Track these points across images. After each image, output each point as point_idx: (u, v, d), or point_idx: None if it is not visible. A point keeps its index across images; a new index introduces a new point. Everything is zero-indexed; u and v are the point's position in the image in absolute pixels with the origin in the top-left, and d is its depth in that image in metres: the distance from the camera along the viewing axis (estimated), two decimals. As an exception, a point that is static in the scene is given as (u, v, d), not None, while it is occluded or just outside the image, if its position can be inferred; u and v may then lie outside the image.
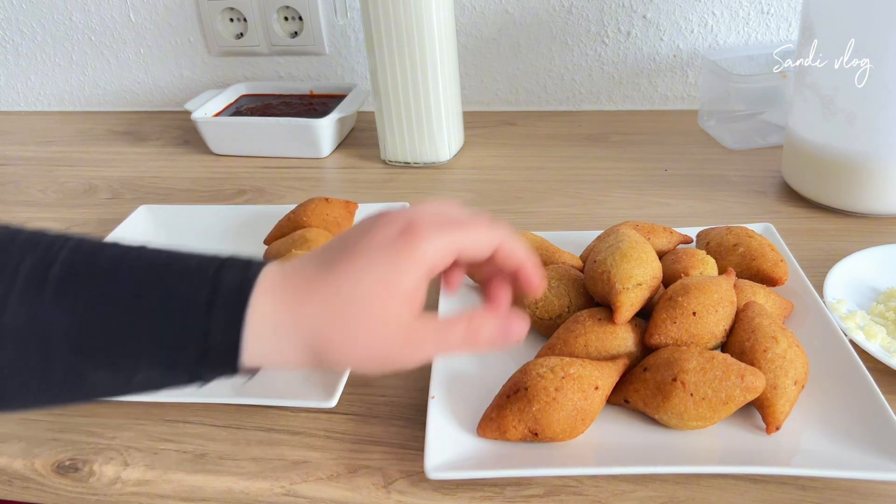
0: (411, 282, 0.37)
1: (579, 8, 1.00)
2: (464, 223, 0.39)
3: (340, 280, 0.36)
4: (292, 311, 0.36)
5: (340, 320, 0.36)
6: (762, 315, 0.49)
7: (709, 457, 0.44)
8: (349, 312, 0.36)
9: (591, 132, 0.99)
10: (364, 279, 0.36)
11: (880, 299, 0.58)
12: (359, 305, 0.36)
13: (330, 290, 0.36)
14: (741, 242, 0.59)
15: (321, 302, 0.36)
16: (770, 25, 0.97)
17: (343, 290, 0.36)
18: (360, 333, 0.36)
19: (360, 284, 0.36)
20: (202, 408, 0.53)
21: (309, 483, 0.47)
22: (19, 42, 1.17)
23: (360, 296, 0.36)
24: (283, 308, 0.36)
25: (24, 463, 0.49)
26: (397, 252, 0.37)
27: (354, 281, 0.36)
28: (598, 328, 0.49)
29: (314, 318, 0.36)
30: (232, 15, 1.09)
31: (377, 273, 0.36)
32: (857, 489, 0.43)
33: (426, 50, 0.83)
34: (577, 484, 0.45)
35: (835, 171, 0.71)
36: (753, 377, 0.44)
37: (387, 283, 0.36)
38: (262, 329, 0.35)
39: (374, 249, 0.37)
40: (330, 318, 0.36)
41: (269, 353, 0.36)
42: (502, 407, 0.45)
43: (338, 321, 0.36)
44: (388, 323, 0.36)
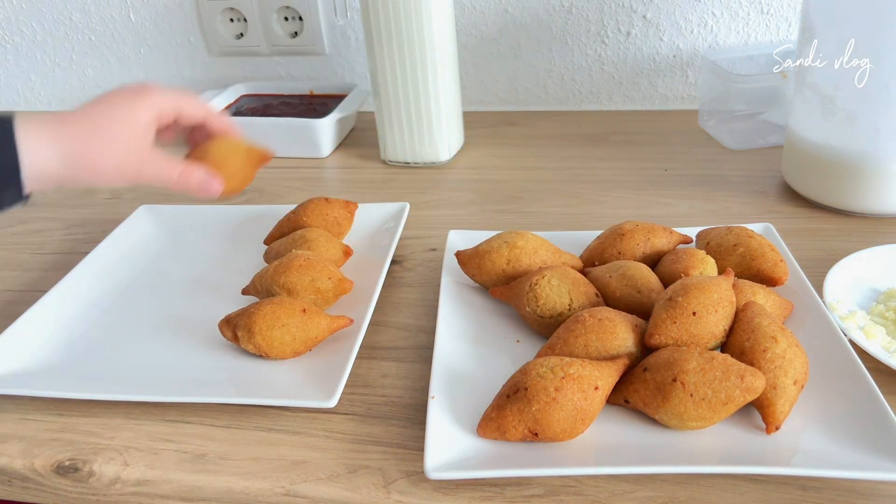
0: (143, 119, 0.52)
1: (579, 8, 1.00)
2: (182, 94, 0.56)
3: (91, 112, 0.51)
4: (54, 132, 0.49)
5: (91, 138, 0.50)
6: (762, 315, 0.49)
7: (709, 457, 0.44)
8: (97, 134, 0.50)
9: (591, 132, 0.99)
10: (108, 111, 0.51)
11: (880, 299, 0.58)
12: (104, 129, 0.50)
13: (83, 119, 0.50)
14: (741, 242, 0.59)
15: (76, 125, 0.50)
16: (770, 25, 0.97)
17: (92, 117, 0.51)
18: (104, 149, 0.50)
19: (105, 114, 0.51)
20: (202, 408, 0.53)
21: (309, 483, 0.47)
22: (19, 42, 1.17)
23: (104, 122, 0.51)
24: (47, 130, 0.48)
25: (24, 463, 0.49)
26: (133, 97, 0.52)
27: (100, 112, 0.51)
28: (598, 328, 0.49)
29: (72, 135, 0.49)
30: (232, 15, 1.09)
31: (118, 108, 0.51)
32: (856, 489, 0.43)
33: (426, 50, 0.83)
34: (577, 484, 0.45)
35: (835, 171, 0.71)
36: (753, 378, 0.44)
37: (124, 116, 0.51)
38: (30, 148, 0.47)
39: (116, 95, 0.52)
40: (82, 136, 0.50)
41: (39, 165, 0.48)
42: (502, 407, 0.45)
43: (90, 137, 0.50)
44: (125, 144, 0.51)
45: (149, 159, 0.53)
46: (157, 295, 0.65)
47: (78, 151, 0.49)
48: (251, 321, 0.54)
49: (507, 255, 0.59)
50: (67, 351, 0.58)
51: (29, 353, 0.57)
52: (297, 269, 0.59)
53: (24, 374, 0.55)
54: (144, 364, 0.56)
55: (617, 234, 0.62)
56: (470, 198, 0.83)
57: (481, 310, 0.59)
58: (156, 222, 0.76)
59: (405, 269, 0.69)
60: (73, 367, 0.56)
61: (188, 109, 0.56)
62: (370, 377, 0.55)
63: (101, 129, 0.50)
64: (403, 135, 0.89)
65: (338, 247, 0.65)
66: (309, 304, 0.56)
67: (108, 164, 0.51)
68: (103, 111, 0.51)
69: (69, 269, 0.67)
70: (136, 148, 0.51)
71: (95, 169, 0.50)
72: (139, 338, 0.59)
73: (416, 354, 0.57)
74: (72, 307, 0.62)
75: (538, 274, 0.56)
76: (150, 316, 0.62)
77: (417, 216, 0.78)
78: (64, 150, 0.49)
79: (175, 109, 0.54)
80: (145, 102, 0.52)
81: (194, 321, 0.61)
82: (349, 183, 0.89)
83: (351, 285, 0.60)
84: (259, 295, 0.61)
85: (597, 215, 0.77)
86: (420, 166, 0.91)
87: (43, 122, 0.49)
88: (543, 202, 0.81)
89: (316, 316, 0.55)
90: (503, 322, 0.58)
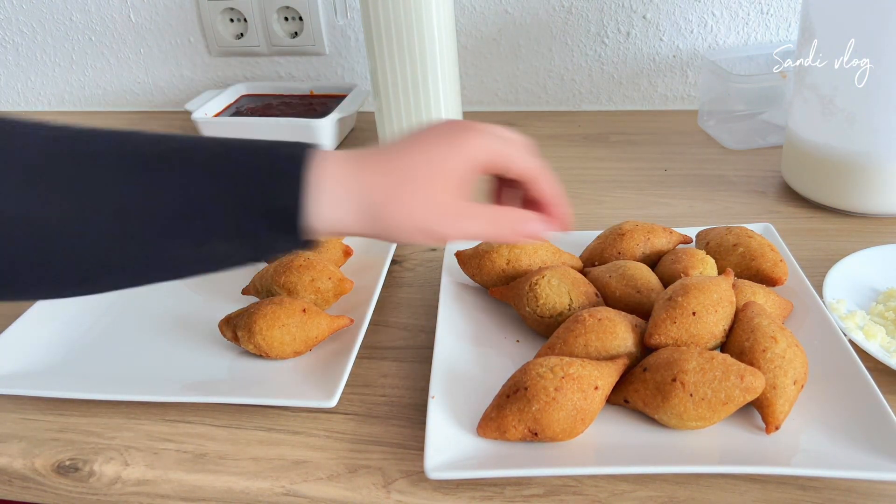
0: (461, 167, 0.42)
1: (579, 8, 1.00)
2: (511, 139, 0.45)
3: (401, 156, 0.41)
4: (353, 177, 0.40)
5: (397, 189, 0.40)
6: (761, 315, 0.49)
7: (709, 457, 0.44)
8: (406, 183, 0.40)
9: (591, 132, 0.99)
10: (422, 158, 0.41)
11: (880, 299, 0.58)
12: (415, 179, 0.41)
13: (390, 164, 0.41)
14: (741, 242, 0.59)
15: (381, 172, 0.40)
16: (770, 25, 0.97)
17: (402, 164, 0.41)
18: (414, 203, 0.40)
19: (418, 161, 0.41)
20: (202, 408, 0.53)
21: (309, 483, 0.47)
22: (19, 42, 1.17)
23: (416, 171, 0.41)
24: (344, 173, 0.39)
25: (24, 463, 0.50)
26: (451, 142, 0.42)
27: (412, 158, 0.41)
28: (598, 328, 0.49)
29: (374, 185, 0.40)
30: (232, 15, 1.09)
31: (433, 154, 0.41)
32: (856, 489, 0.43)
33: (426, 50, 0.83)
34: (576, 484, 0.45)
35: (835, 171, 0.71)
36: (753, 377, 0.44)
37: (441, 164, 0.41)
38: (322, 191, 0.38)
39: (431, 137, 0.42)
40: (388, 186, 0.40)
41: (328, 215, 0.39)
42: (502, 407, 0.45)
43: (395, 189, 0.40)
44: (438, 197, 0.41)
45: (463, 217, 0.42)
46: (157, 295, 0.65)
47: (377, 206, 0.40)
48: (251, 321, 0.54)
49: (507, 255, 0.59)
50: (67, 351, 0.58)
51: (29, 353, 0.57)
52: (297, 269, 0.59)
53: (24, 374, 0.55)
54: (144, 364, 0.56)
55: (617, 234, 0.62)
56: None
57: (481, 310, 0.59)
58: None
59: (405, 269, 0.69)
60: (73, 367, 0.56)
61: (516, 162, 0.44)
62: (370, 377, 0.55)
63: (405, 180, 0.40)
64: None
65: (338, 246, 0.65)
66: (309, 304, 0.56)
67: (408, 224, 0.41)
68: (413, 157, 0.41)
69: (69, 269, 0.66)
70: (446, 205, 0.41)
71: (395, 229, 0.41)
72: (139, 338, 0.59)
73: (416, 354, 0.57)
74: (72, 307, 0.62)
75: (538, 274, 0.56)
76: (150, 316, 0.62)
77: (417, 216, 0.78)
78: (362, 204, 0.40)
79: (498, 158, 0.43)
80: (468, 148, 0.42)
81: (194, 321, 0.61)
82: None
83: (351, 285, 0.60)
84: (259, 295, 0.61)
85: (597, 215, 0.77)
86: (420, 166, 0.91)
87: (339, 165, 0.40)
88: (543, 202, 0.81)
89: (316, 316, 0.55)
90: (503, 322, 0.58)
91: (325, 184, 0.38)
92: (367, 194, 0.40)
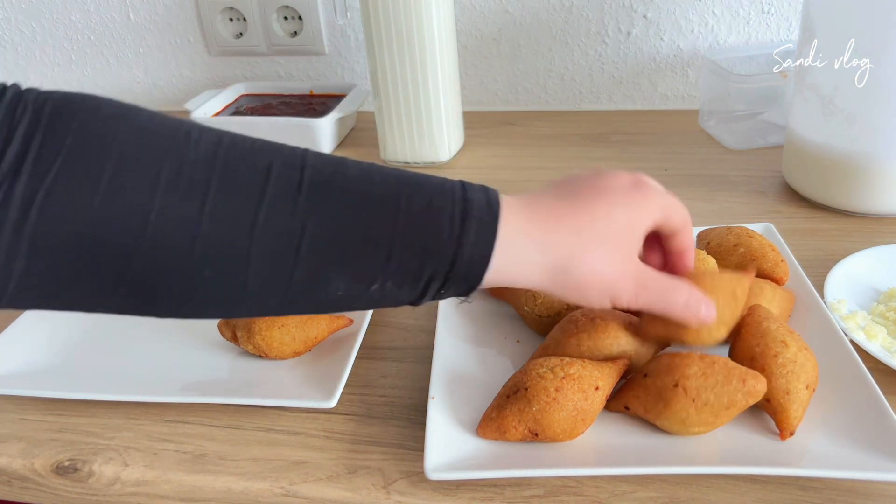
0: (646, 226, 0.41)
1: (579, 8, 1.00)
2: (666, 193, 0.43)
3: (591, 211, 0.39)
4: (542, 232, 0.38)
5: (589, 246, 0.39)
6: (769, 319, 0.48)
7: (709, 457, 0.44)
8: (597, 241, 0.39)
9: (591, 132, 0.99)
10: (613, 214, 0.40)
11: (881, 299, 0.58)
12: (607, 236, 0.39)
13: (581, 219, 0.39)
14: (741, 242, 0.59)
15: (573, 228, 0.39)
16: (770, 25, 0.97)
17: (594, 220, 0.39)
18: (604, 261, 0.39)
19: (609, 218, 0.39)
20: (202, 408, 0.53)
21: (309, 483, 0.46)
22: (19, 42, 1.17)
23: (608, 228, 0.39)
24: (532, 228, 0.38)
25: (23, 463, 0.49)
26: (639, 198, 0.41)
27: (603, 214, 0.39)
28: (590, 327, 0.49)
29: (564, 242, 0.38)
30: (232, 15, 1.09)
31: (624, 211, 0.40)
32: (856, 489, 0.43)
33: (426, 50, 0.83)
34: (577, 484, 0.45)
35: (835, 171, 0.71)
36: (755, 381, 0.44)
37: (631, 222, 0.40)
38: (509, 244, 0.37)
39: (617, 191, 0.41)
40: (579, 243, 0.39)
41: (511, 269, 0.37)
42: (502, 407, 0.45)
43: (587, 246, 0.39)
44: (627, 257, 0.40)
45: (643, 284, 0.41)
46: (157, 295, 0.65)
47: (566, 264, 0.38)
48: (250, 321, 0.53)
49: (507, 255, 0.59)
50: (67, 351, 0.58)
51: (29, 353, 0.57)
52: None
53: (24, 374, 0.55)
54: (144, 364, 0.56)
55: (617, 234, 0.61)
56: (470, 198, 0.83)
57: (481, 310, 0.59)
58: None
59: (405, 269, 0.69)
60: (73, 367, 0.56)
61: (676, 218, 0.43)
62: (370, 377, 0.55)
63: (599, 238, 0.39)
64: (403, 135, 0.89)
65: None
66: None
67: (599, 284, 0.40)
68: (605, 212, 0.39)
69: (69, 269, 0.66)
70: (632, 270, 0.40)
71: (585, 287, 0.39)
72: (139, 338, 0.59)
73: (416, 354, 0.57)
74: (71, 307, 0.62)
75: (538, 274, 0.56)
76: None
77: (417, 216, 0.78)
78: (551, 260, 0.38)
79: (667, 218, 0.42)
80: (648, 205, 0.41)
81: (195, 322, 0.61)
82: (349, 183, 0.89)
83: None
84: None
85: (597, 215, 0.77)
86: (420, 166, 0.91)
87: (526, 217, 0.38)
88: (543, 202, 0.81)
89: (315, 316, 0.55)
90: (503, 322, 0.58)
91: (513, 238, 0.37)
92: (557, 253, 0.38)
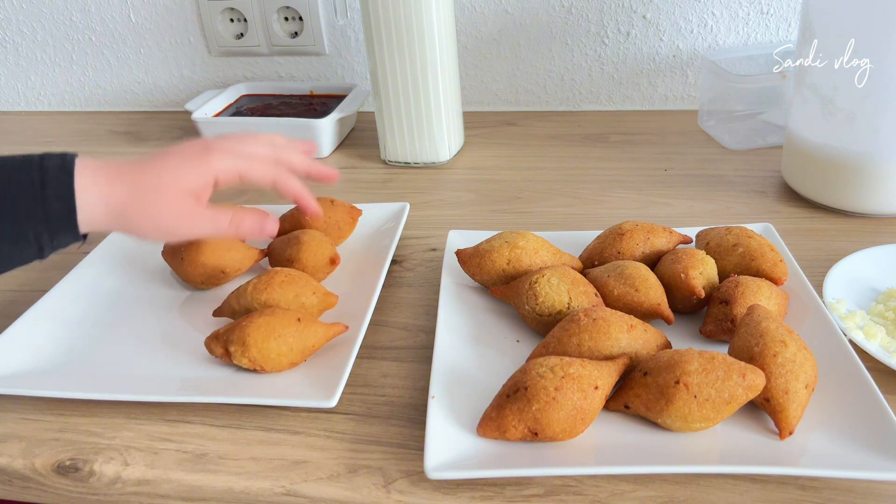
0: (197, 183, 0.52)
1: (579, 8, 1.00)
2: (251, 156, 0.55)
3: (146, 171, 0.51)
4: (106, 186, 0.49)
5: (140, 199, 0.50)
6: (768, 318, 0.49)
7: (709, 457, 0.44)
8: (147, 195, 0.50)
9: (591, 132, 0.99)
10: (163, 173, 0.51)
11: (880, 299, 0.58)
12: (155, 191, 0.50)
13: (136, 177, 0.51)
14: (741, 242, 0.59)
15: (128, 183, 0.50)
16: (770, 25, 0.97)
17: (146, 178, 0.51)
18: (152, 211, 0.50)
19: (159, 176, 0.51)
20: (202, 408, 0.53)
21: (309, 483, 0.47)
22: (19, 42, 1.17)
23: (157, 184, 0.51)
24: (100, 182, 0.49)
25: (24, 463, 0.50)
26: (192, 161, 0.52)
27: (155, 173, 0.51)
28: (592, 327, 0.49)
29: (121, 193, 0.49)
30: (232, 15, 1.09)
31: (173, 171, 0.51)
32: (856, 489, 0.43)
33: (426, 50, 0.83)
34: (576, 484, 0.45)
35: (835, 171, 0.71)
36: (755, 375, 0.44)
37: (178, 179, 0.51)
38: (83, 199, 0.48)
39: (176, 155, 0.52)
40: (133, 195, 0.50)
41: (90, 217, 0.48)
42: (502, 407, 0.45)
43: (138, 199, 0.50)
44: (174, 207, 0.51)
45: (193, 220, 0.52)
46: (158, 295, 0.65)
47: (123, 210, 0.50)
48: (244, 334, 0.52)
49: (508, 255, 0.59)
50: (67, 351, 0.58)
51: (29, 353, 0.57)
52: (279, 286, 0.57)
53: (24, 374, 0.55)
54: (145, 364, 0.56)
55: (616, 234, 0.62)
56: (470, 198, 0.83)
57: (481, 310, 0.59)
58: (156, 222, 0.76)
59: (405, 269, 0.69)
60: (73, 367, 0.56)
61: (254, 175, 0.55)
62: (370, 377, 0.55)
63: (146, 191, 0.50)
64: (403, 135, 0.89)
65: (326, 251, 0.63)
66: (302, 312, 0.55)
67: (149, 226, 0.51)
68: (155, 172, 0.51)
69: (69, 269, 0.67)
70: (179, 212, 0.51)
71: (138, 228, 0.51)
72: (139, 337, 0.59)
73: (416, 354, 0.57)
74: (72, 307, 0.62)
75: (538, 273, 0.56)
76: (150, 316, 0.62)
77: (417, 216, 0.78)
78: (111, 207, 0.49)
79: (236, 175, 0.54)
80: (199, 168, 0.52)
81: (195, 321, 0.61)
82: (349, 183, 0.89)
83: (336, 299, 0.59)
84: (236, 316, 0.58)
85: (596, 215, 0.77)
86: (420, 166, 0.91)
87: (99, 174, 0.49)
88: (543, 202, 0.81)
89: (312, 324, 0.54)
90: (503, 322, 0.58)
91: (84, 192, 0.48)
92: (115, 201, 0.49)
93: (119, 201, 0.49)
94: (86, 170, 0.49)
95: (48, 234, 0.48)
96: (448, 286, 0.61)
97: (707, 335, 0.54)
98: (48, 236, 0.48)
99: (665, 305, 0.54)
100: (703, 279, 0.56)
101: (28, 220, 0.47)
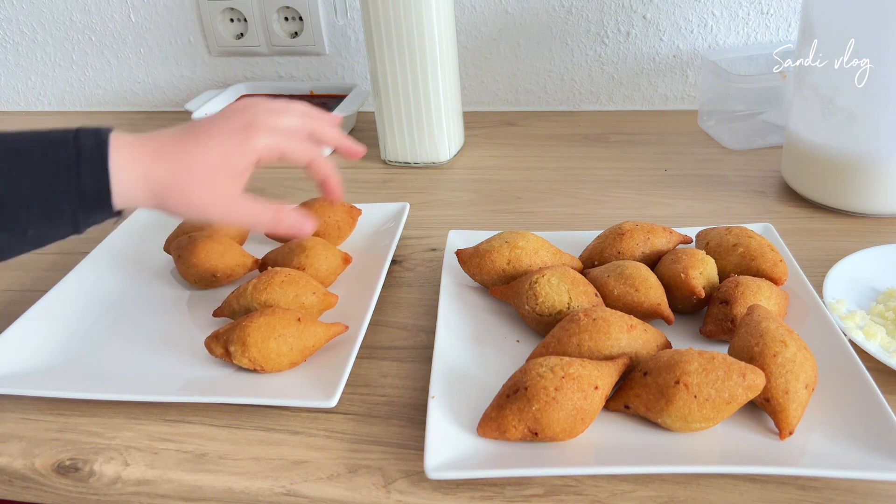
0: (241, 165, 0.50)
1: (579, 8, 1.00)
2: (291, 134, 0.53)
3: (189, 150, 0.49)
4: (148, 164, 0.48)
5: (182, 181, 0.49)
6: (768, 318, 0.49)
7: (709, 457, 0.44)
8: (190, 177, 0.49)
9: (591, 132, 0.99)
10: (207, 154, 0.49)
11: (880, 299, 0.58)
12: (198, 173, 0.49)
13: (179, 157, 0.49)
14: (741, 242, 0.59)
15: (171, 164, 0.48)
16: (770, 25, 0.97)
17: (190, 158, 0.49)
18: (194, 193, 0.49)
19: (203, 157, 0.49)
20: (202, 408, 0.53)
21: (309, 483, 0.47)
22: (19, 42, 1.17)
23: (201, 166, 0.49)
24: (141, 160, 0.48)
25: (24, 463, 0.50)
26: (237, 141, 0.50)
27: (199, 153, 0.49)
28: (592, 327, 0.49)
29: (162, 174, 0.48)
30: (232, 15, 1.09)
31: (218, 152, 0.49)
32: (856, 489, 0.43)
33: (426, 50, 0.83)
34: (576, 484, 0.45)
35: (835, 171, 0.71)
36: (754, 375, 0.44)
37: (224, 162, 0.50)
38: (120, 176, 0.47)
39: (220, 134, 0.50)
40: (175, 177, 0.48)
41: (127, 194, 0.48)
42: (502, 407, 0.45)
43: (180, 181, 0.49)
44: (217, 194, 0.50)
45: (235, 209, 0.51)
46: (158, 295, 0.65)
47: (164, 191, 0.48)
48: (244, 334, 0.52)
49: (508, 255, 0.59)
50: (67, 351, 0.58)
51: (29, 353, 0.57)
52: (279, 285, 0.57)
53: (24, 374, 0.55)
54: (145, 364, 0.56)
55: (616, 234, 0.62)
56: (470, 198, 0.83)
57: (481, 310, 0.59)
58: (156, 222, 0.76)
59: (405, 269, 0.69)
60: (73, 367, 0.56)
61: (294, 155, 0.53)
62: (370, 377, 0.55)
63: (190, 175, 0.49)
64: (403, 135, 0.89)
65: (336, 255, 0.64)
66: (302, 312, 0.55)
67: (189, 209, 0.50)
68: (199, 155, 0.49)
69: (69, 269, 0.67)
70: (223, 199, 0.50)
71: (177, 209, 0.50)
72: (139, 337, 0.59)
73: (416, 354, 0.57)
74: (72, 307, 0.62)
75: (538, 273, 0.56)
76: (150, 316, 0.62)
77: (417, 216, 0.78)
78: (152, 186, 0.48)
79: (278, 154, 0.52)
80: (242, 148, 0.50)
81: (195, 321, 0.61)
82: (349, 183, 0.89)
83: (336, 299, 0.59)
84: (236, 316, 0.58)
85: (596, 215, 0.77)
86: (420, 166, 0.91)
87: (138, 151, 0.48)
88: (543, 202, 0.81)
89: (312, 324, 0.54)
90: (503, 322, 0.58)
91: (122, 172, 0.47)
92: (157, 182, 0.48)
93: (161, 181, 0.48)
94: (123, 146, 0.47)
95: (84, 212, 0.47)
96: (448, 286, 0.61)
97: (707, 335, 0.54)
98: (84, 214, 0.47)
99: (665, 305, 0.54)
100: (703, 279, 0.56)
101: (64, 200, 0.46)
